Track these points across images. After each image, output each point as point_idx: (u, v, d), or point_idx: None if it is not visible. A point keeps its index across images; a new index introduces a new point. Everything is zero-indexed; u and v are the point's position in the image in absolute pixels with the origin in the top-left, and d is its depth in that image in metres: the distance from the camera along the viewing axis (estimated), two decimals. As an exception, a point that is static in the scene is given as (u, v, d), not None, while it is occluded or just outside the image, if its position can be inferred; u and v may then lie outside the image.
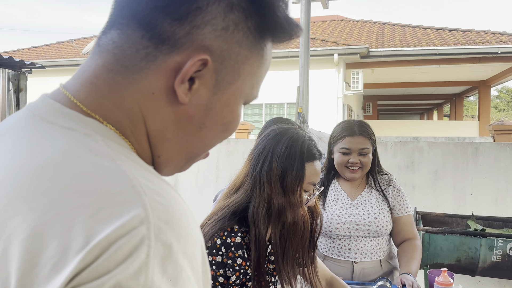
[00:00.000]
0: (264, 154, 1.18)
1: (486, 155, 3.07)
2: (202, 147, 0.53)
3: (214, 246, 1.13)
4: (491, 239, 2.34)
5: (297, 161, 1.15)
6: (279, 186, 1.15)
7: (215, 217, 1.18)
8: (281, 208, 1.15)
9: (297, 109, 3.17)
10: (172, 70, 0.47)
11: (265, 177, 1.15)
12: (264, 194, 1.15)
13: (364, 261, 1.85)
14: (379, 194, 1.92)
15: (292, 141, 1.18)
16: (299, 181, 1.15)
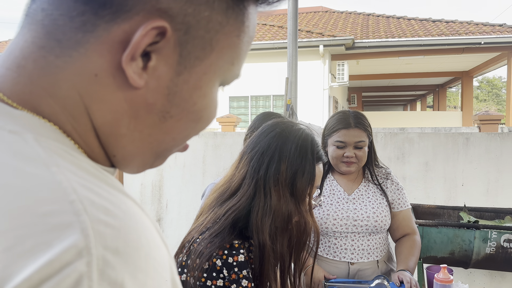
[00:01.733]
0: (269, 154, 1.03)
1: (477, 146, 3.04)
2: (170, 141, 0.42)
3: (214, 269, 0.96)
4: (485, 231, 2.30)
5: (308, 163, 1.03)
6: (288, 190, 1.02)
7: (212, 230, 1.02)
8: (290, 215, 1.02)
9: (286, 101, 3.09)
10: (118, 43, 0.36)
11: (271, 180, 1.02)
12: (270, 200, 1.01)
13: (361, 262, 1.79)
14: (376, 188, 1.85)
15: (302, 140, 1.05)
16: (310, 185, 1.04)
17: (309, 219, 1.06)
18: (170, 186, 3.69)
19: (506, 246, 2.27)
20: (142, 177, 3.75)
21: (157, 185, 3.71)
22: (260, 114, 1.89)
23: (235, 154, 3.51)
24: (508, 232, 2.27)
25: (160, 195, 3.72)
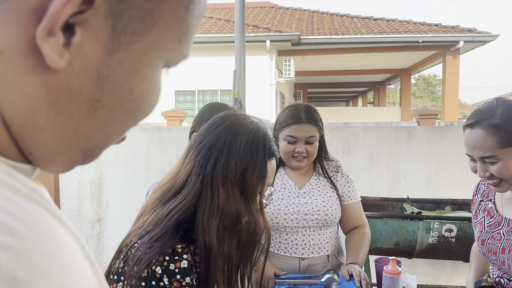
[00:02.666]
0: (218, 149, 0.94)
1: (418, 139, 3.14)
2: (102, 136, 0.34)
3: (153, 277, 0.85)
4: (428, 221, 2.38)
5: (260, 158, 0.95)
6: (238, 188, 0.94)
7: (152, 233, 0.91)
8: (239, 215, 0.94)
9: (233, 94, 3.01)
10: (31, 12, 0.28)
11: (219, 177, 0.93)
12: (217, 198, 0.92)
13: (312, 257, 1.76)
14: (327, 181, 1.83)
15: (253, 134, 0.97)
16: (261, 182, 0.96)
17: (259, 219, 0.98)
18: (111, 184, 3.48)
19: (447, 235, 2.36)
20: (79, 175, 3.51)
21: (96, 183, 3.49)
22: (207, 105, 1.79)
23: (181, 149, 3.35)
24: (449, 222, 2.35)
25: (100, 193, 3.50)
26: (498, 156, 1.16)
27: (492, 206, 1.35)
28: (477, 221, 1.39)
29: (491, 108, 1.19)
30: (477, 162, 1.21)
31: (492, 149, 1.16)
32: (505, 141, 1.15)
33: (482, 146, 1.17)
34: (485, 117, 1.18)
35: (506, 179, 1.18)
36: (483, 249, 1.31)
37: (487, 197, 1.39)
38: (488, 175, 1.20)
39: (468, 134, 1.21)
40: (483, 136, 1.17)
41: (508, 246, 1.23)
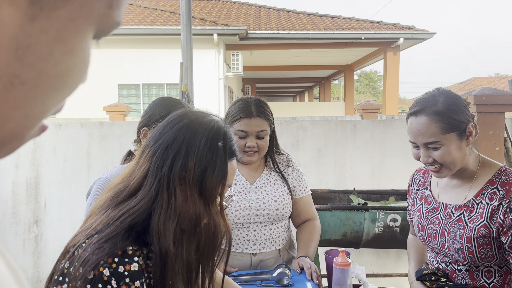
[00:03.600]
0: (175, 148, 0.89)
1: (363, 132, 3.23)
2: (21, 118, 0.28)
3: (100, 279, 0.80)
4: (374, 212, 2.45)
5: (220, 158, 0.91)
6: (197, 189, 0.89)
7: (102, 234, 0.85)
8: (198, 218, 0.89)
9: (181, 87, 2.91)
10: None
11: (177, 178, 0.88)
12: (174, 201, 0.87)
13: (263, 252, 1.74)
14: (278, 175, 1.82)
15: (213, 133, 0.92)
16: (221, 184, 0.91)
17: (220, 222, 0.94)
18: (48, 183, 3.26)
19: (392, 225, 2.44)
20: (13, 174, 3.25)
21: (32, 183, 3.25)
22: (157, 99, 1.69)
23: (124, 145, 3.23)
24: (393, 212, 2.44)
25: (37, 193, 3.27)
26: (441, 141, 1.21)
27: (429, 194, 1.41)
28: (415, 209, 1.44)
29: (434, 96, 1.25)
30: (421, 149, 1.26)
31: (436, 135, 1.21)
32: (447, 127, 1.20)
33: (426, 132, 1.22)
34: (429, 105, 1.23)
35: (447, 164, 1.24)
36: (423, 235, 1.36)
37: (423, 185, 1.45)
38: (431, 161, 1.25)
39: (412, 122, 1.26)
40: (427, 122, 1.22)
41: (447, 229, 1.29)
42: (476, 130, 1.27)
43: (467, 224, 1.24)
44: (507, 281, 1.25)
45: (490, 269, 1.25)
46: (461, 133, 1.22)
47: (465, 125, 1.22)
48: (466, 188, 1.30)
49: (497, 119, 2.91)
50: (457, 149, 1.23)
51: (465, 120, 1.22)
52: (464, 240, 1.23)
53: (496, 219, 1.19)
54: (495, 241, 1.21)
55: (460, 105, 1.23)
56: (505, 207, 1.18)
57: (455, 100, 1.24)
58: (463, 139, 1.23)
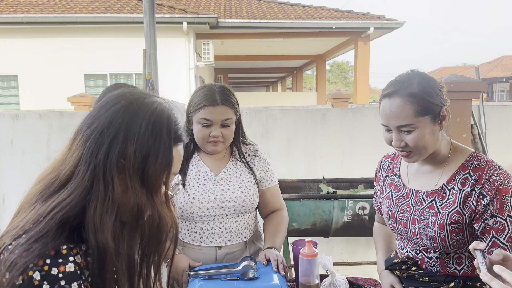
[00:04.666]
0: (112, 133, 0.80)
1: (333, 120, 3.21)
2: None
3: (30, 284, 0.71)
4: (343, 200, 2.43)
5: (163, 144, 0.82)
6: (138, 178, 0.80)
7: (31, 233, 0.75)
8: (141, 209, 0.81)
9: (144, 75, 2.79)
10: None
11: (114, 166, 0.79)
12: (112, 191, 0.79)
13: (229, 245, 1.68)
14: (244, 166, 1.75)
15: (155, 116, 0.83)
16: (165, 171, 0.83)
17: (165, 213, 0.85)
18: (6, 178, 3.08)
19: (360, 213, 2.43)
20: (-34, 169, 3.06)
21: (-12, 177, 3.07)
22: (110, 86, 1.59)
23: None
24: (362, 200, 2.42)
25: (-7, 188, 3.09)
26: (415, 124, 1.17)
27: (398, 180, 1.37)
28: (384, 196, 1.40)
29: (408, 78, 1.20)
30: (393, 132, 1.22)
31: (410, 117, 1.16)
32: (422, 110, 1.16)
33: (400, 115, 1.17)
34: (403, 87, 1.18)
35: (418, 149, 1.20)
36: (393, 223, 1.33)
37: (392, 172, 1.41)
38: (403, 145, 1.21)
39: (385, 104, 1.21)
40: (401, 104, 1.17)
41: (418, 216, 1.25)
42: (449, 114, 1.24)
43: (439, 211, 1.21)
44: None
45: (461, 255, 1.23)
46: (435, 117, 1.18)
47: (439, 108, 1.18)
48: (438, 174, 1.26)
49: (464, 106, 2.94)
50: (430, 134, 1.19)
51: (440, 104, 1.19)
52: (436, 227, 1.20)
53: (469, 205, 1.17)
54: (467, 228, 1.18)
55: (435, 87, 1.20)
56: (478, 193, 1.15)
57: (430, 83, 1.20)
58: (437, 123, 1.19)
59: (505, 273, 0.80)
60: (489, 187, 1.13)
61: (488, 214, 1.13)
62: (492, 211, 1.12)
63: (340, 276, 1.56)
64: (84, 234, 0.78)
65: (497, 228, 1.12)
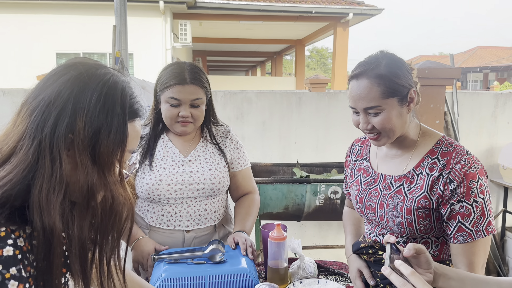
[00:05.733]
0: (59, 105, 0.73)
1: (308, 105, 3.18)
2: None
3: None
4: (315, 184, 2.42)
5: (117, 119, 0.77)
6: (89, 156, 0.75)
7: None
8: (92, 189, 0.76)
9: (114, 52, 2.68)
10: None
11: (62, 141, 0.72)
12: (60, 168, 0.72)
13: (197, 228, 1.63)
14: (215, 148, 1.70)
15: (108, 88, 0.77)
16: (120, 149, 0.78)
17: (119, 193, 0.80)
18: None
19: (332, 197, 2.43)
20: None
21: None
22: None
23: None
24: (334, 184, 2.42)
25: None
26: (382, 106, 1.15)
27: (367, 165, 1.35)
28: (353, 180, 1.39)
29: (376, 59, 1.17)
30: (360, 115, 1.19)
31: (376, 99, 1.14)
32: (389, 91, 1.14)
33: (366, 96, 1.14)
34: (371, 67, 1.15)
35: (386, 131, 1.18)
36: (361, 207, 1.32)
37: (362, 156, 1.40)
38: (370, 127, 1.19)
39: (353, 86, 1.18)
40: (368, 86, 1.14)
41: (386, 201, 1.24)
42: (418, 97, 1.21)
43: (407, 196, 1.20)
44: (443, 251, 1.23)
45: (427, 240, 1.23)
46: (403, 99, 1.16)
47: (407, 90, 1.16)
48: (406, 158, 1.25)
49: (438, 92, 2.96)
50: (397, 116, 1.16)
51: (407, 85, 1.16)
52: (403, 212, 1.19)
53: (436, 190, 1.15)
54: (434, 213, 1.17)
55: (403, 69, 1.17)
56: (445, 178, 1.14)
57: (398, 64, 1.17)
58: (404, 105, 1.17)
59: (402, 267, 0.82)
60: (456, 172, 1.12)
61: (454, 199, 1.12)
62: (458, 196, 1.11)
63: (308, 260, 1.54)
64: (29, 215, 0.73)
65: (463, 213, 1.12)
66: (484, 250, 1.13)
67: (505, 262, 3.48)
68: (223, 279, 1.32)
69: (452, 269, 0.98)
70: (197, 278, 1.31)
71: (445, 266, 0.98)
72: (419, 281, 0.79)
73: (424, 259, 0.95)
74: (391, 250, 0.92)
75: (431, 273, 0.95)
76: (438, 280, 0.96)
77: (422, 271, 0.95)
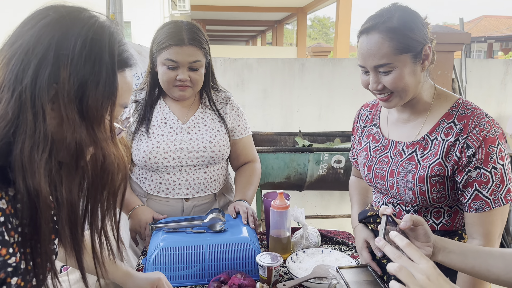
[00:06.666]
0: (40, 53, 0.65)
1: (311, 71, 3.07)
2: None
3: None
4: (318, 153, 2.35)
5: (105, 68, 0.68)
6: (76, 109, 0.66)
7: None
8: (81, 146, 0.68)
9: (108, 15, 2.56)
10: None
11: (44, 93, 0.64)
12: (43, 123, 0.65)
13: (197, 197, 1.58)
14: (214, 114, 1.61)
15: (94, 33, 0.68)
16: (109, 102, 0.69)
17: (110, 151, 0.72)
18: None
19: (336, 166, 2.36)
20: None
21: None
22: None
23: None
24: (338, 153, 2.35)
25: None
26: (394, 63, 1.05)
27: (377, 131, 1.27)
28: (361, 148, 1.31)
29: (389, 11, 1.07)
30: (370, 74, 1.10)
31: (388, 55, 1.05)
32: (402, 47, 1.05)
33: (377, 53, 1.05)
34: (382, 20, 1.06)
35: (398, 91, 1.09)
36: (370, 176, 1.24)
37: (371, 122, 1.31)
38: (380, 87, 1.10)
39: (362, 42, 1.08)
40: (380, 41, 1.05)
41: (397, 169, 1.17)
42: (433, 55, 1.12)
43: (420, 163, 1.12)
44: (456, 221, 1.17)
45: (439, 209, 1.16)
46: (417, 55, 1.06)
47: (421, 46, 1.06)
48: (420, 123, 1.16)
49: (446, 58, 2.84)
50: (410, 74, 1.07)
51: (422, 41, 1.06)
52: (416, 180, 1.12)
53: (452, 157, 1.08)
54: (448, 181, 1.10)
55: (418, 22, 1.07)
56: (462, 143, 1.06)
57: (412, 17, 1.07)
58: (418, 62, 1.08)
59: (397, 238, 0.75)
60: (474, 136, 1.04)
61: (471, 166, 1.05)
62: (476, 162, 1.04)
63: (312, 229, 1.49)
64: (11, 175, 0.65)
65: (480, 180, 1.04)
66: (502, 219, 1.06)
67: (508, 232, 3.46)
68: (224, 248, 1.27)
69: (453, 242, 0.92)
70: (197, 247, 1.26)
71: (445, 239, 0.92)
72: (415, 252, 0.71)
73: (423, 231, 0.89)
74: (387, 222, 0.86)
75: (430, 246, 0.89)
76: (438, 254, 0.90)
77: (420, 245, 0.89)
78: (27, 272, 0.70)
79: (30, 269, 0.70)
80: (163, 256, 1.24)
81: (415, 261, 0.70)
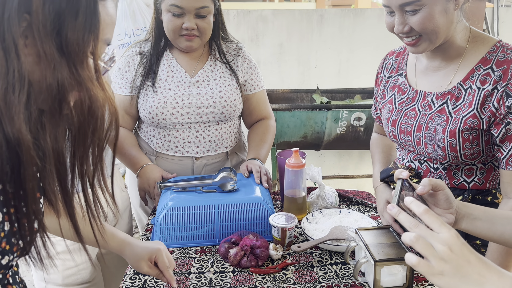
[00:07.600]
0: None
1: (331, 24, 2.89)
2: None
3: None
4: (337, 111, 2.23)
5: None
6: (53, 44, 0.57)
7: None
8: (63, 87, 0.59)
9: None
10: None
11: (16, 25, 0.55)
12: (17, 61, 0.56)
13: (208, 155, 1.50)
14: (225, 67, 1.51)
15: None
16: (91, 35, 0.60)
17: (97, 92, 0.62)
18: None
19: (355, 124, 2.25)
20: None
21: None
22: None
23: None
24: (358, 110, 2.23)
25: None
26: (422, 1, 0.92)
27: (404, 81, 1.15)
28: (385, 101, 1.19)
29: None
30: (396, 14, 0.96)
31: None
32: None
33: None
34: None
35: (427, 34, 0.96)
36: (394, 131, 1.13)
37: (397, 71, 1.18)
38: (407, 29, 0.97)
39: None
40: None
41: (425, 122, 1.05)
42: None
43: (451, 115, 1.00)
44: (490, 179, 1.06)
45: (472, 167, 1.05)
46: None
47: None
48: (452, 70, 1.03)
49: (477, 7, 2.62)
50: (441, 13, 0.93)
51: None
52: (446, 134, 1.00)
53: (489, 107, 0.95)
54: (483, 135, 0.99)
55: None
56: (501, 92, 0.93)
57: None
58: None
59: (413, 205, 0.63)
60: None
61: (511, 118, 0.92)
62: None
63: (329, 189, 1.41)
64: None
65: (520, 134, 0.92)
66: (543, 178, 0.95)
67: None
68: (235, 208, 1.21)
69: (478, 207, 0.82)
70: (206, 207, 1.20)
71: (468, 204, 0.82)
72: (435, 220, 0.59)
73: (444, 196, 0.78)
74: (402, 186, 0.76)
75: (452, 213, 0.79)
76: (462, 222, 0.80)
77: (441, 212, 0.79)
78: (13, 234, 0.63)
79: (16, 231, 0.64)
80: (171, 216, 1.19)
81: (435, 230, 0.59)
